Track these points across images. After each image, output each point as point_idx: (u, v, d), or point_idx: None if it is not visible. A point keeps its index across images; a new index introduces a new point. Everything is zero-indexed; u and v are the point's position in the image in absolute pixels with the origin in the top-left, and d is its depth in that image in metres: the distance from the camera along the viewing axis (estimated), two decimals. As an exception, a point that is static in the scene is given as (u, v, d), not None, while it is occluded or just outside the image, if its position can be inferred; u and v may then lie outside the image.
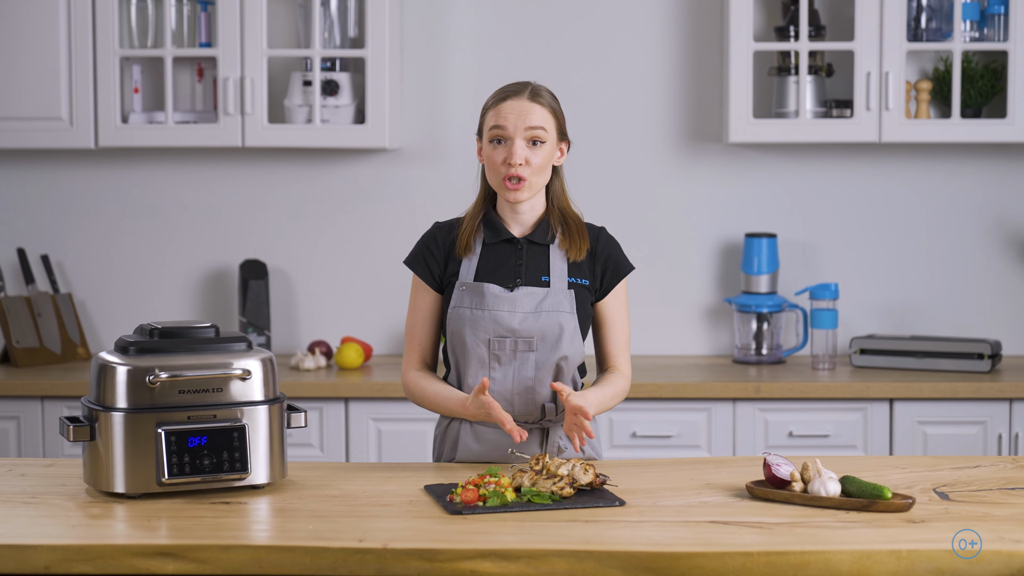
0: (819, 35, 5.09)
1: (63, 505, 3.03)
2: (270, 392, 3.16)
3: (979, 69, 5.12)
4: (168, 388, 3.07)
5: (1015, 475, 3.25)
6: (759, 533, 2.77)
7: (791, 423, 4.84)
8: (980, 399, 4.81)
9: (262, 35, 5.06)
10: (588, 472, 3.07)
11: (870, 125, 5.01)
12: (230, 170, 5.39)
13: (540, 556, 2.68)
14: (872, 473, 3.25)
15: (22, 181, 5.42)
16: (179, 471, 3.05)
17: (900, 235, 5.33)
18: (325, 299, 5.42)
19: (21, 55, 5.09)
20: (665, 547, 2.69)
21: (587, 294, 3.45)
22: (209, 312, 5.41)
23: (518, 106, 3.38)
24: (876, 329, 5.34)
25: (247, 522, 2.91)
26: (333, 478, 3.25)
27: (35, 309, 5.27)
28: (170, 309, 5.39)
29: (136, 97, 5.24)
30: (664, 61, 5.32)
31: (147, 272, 5.44)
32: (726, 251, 5.35)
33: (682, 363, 5.22)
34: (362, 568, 2.70)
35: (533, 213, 3.46)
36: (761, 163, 5.32)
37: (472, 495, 2.97)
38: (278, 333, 5.40)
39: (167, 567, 2.72)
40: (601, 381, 3.45)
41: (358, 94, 5.18)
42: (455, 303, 3.41)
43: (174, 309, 5.40)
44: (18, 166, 5.41)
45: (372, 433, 4.88)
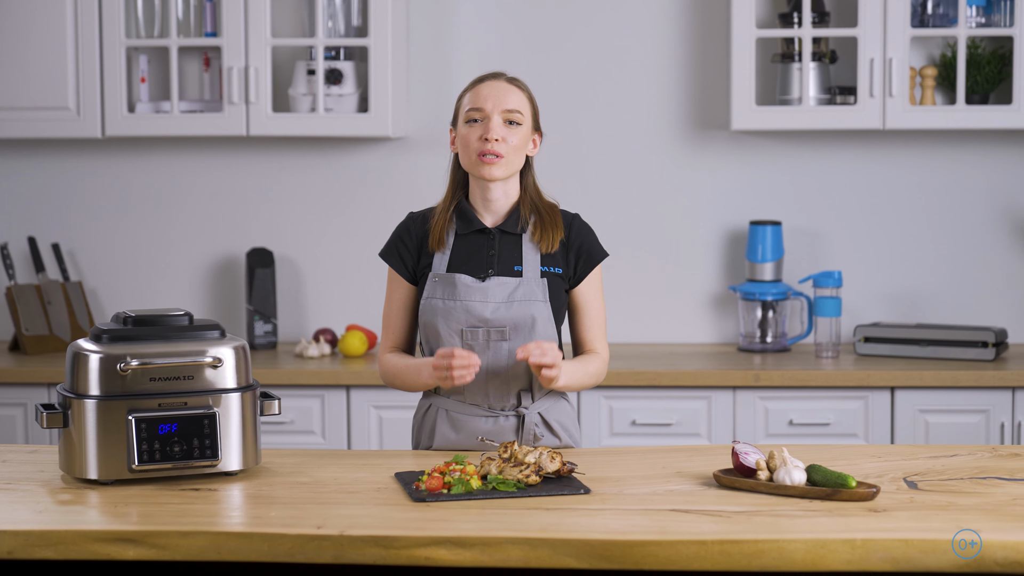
0: (823, 21, 5.07)
1: (35, 491, 3.06)
2: (243, 380, 3.18)
3: (985, 55, 5.08)
4: (140, 376, 3.10)
5: (989, 464, 3.23)
6: (717, 522, 2.77)
7: (791, 411, 4.82)
8: (982, 387, 4.78)
9: (266, 24, 5.09)
10: (555, 460, 3.07)
11: (874, 112, 4.98)
12: (236, 159, 5.43)
13: (495, 544, 2.69)
14: (846, 462, 3.24)
15: (31, 170, 5.47)
16: (149, 458, 3.08)
17: (905, 222, 5.30)
18: (331, 287, 5.45)
19: (28, 46, 5.13)
20: (620, 535, 2.69)
21: (561, 282, 3.45)
22: (217, 300, 5.45)
23: (496, 88, 3.41)
24: (882, 317, 5.31)
25: (212, 508, 2.94)
26: (307, 465, 3.27)
27: (45, 297, 5.32)
28: (178, 297, 5.44)
29: (143, 87, 5.28)
30: (668, 48, 5.31)
31: (155, 260, 5.48)
32: (731, 239, 5.34)
33: (686, 351, 5.21)
34: (319, 555, 2.72)
35: (507, 201, 3.46)
36: (766, 150, 5.30)
37: (437, 483, 2.99)
38: (285, 321, 5.43)
39: (127, 553, 2.75)
40: (576, 359, 3.47)
41: (362, 83, 5.20)
42: (428, 294, 3.43)
43: (182, 297, 5.44)
44: (26, 155, 5.46)
45: (373, 420, 4.91)
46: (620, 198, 5.33)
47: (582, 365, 3.45)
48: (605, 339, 3.53)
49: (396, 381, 3.48)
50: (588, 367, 3.46)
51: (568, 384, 3.40)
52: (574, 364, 3.43)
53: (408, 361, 3.46)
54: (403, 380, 3.46)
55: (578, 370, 3.43)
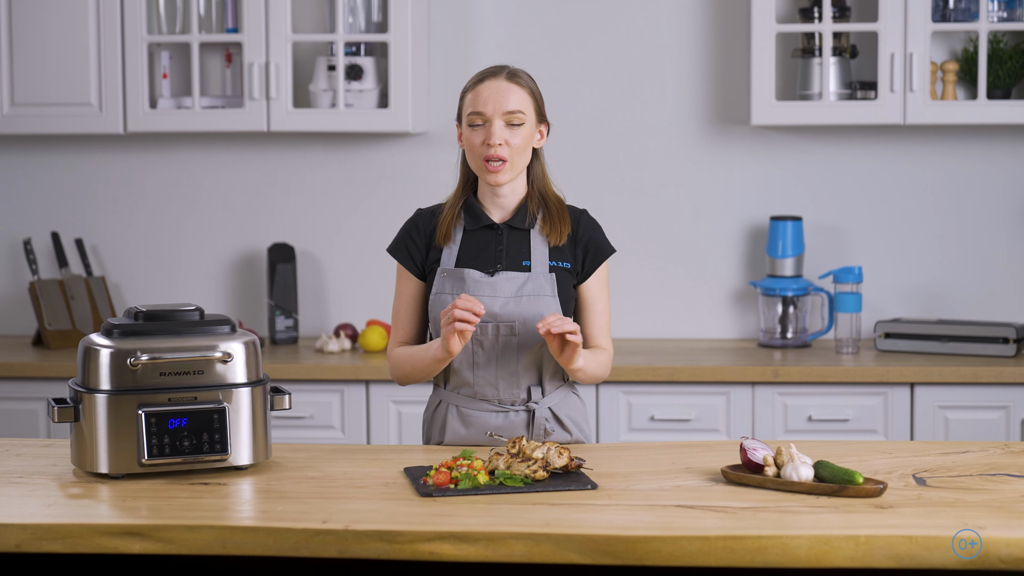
0: (843, 16, 5.05)
1: (47, 485, 3.08)
2: (253, 374, 3.20)
3: (1007, 50, 5.06)
4: (150, 370, 3.12)
5: (1000, 461, 3.22)
6: (722, 518, 2.77)
7: (810, 407, 4.81)
8: (1003, 383, 4.76)
9: (287, 20, 5.10)
10: (563, 456, 3.08)
11: (894, 107, 4.97)
12: (257, 154, 5.45)
13: (499, 539, 2.70)
14: (856, 458, 3.23)
15: (54, 166, 5.50)
16: (159, 452, 3.10)
17: (926, 218, 5.28)
18: (352, 282, 5.46)
19: (51, 42, 5.16)
20: (624, 531, 2.69)
21: (569, 277, 3.45)
22: (238, 295, 5.48)
23: (496, 88, 3.40)
24: (903, 312, 5.29)
25: (220, 503, 2.95)
26: (318, 460, 3.28)
27: (68, 292, 5.35)
28: (200, 292, 5.46)
29: (165, 83, 5.31)
30: (689, 43, 5.30)
31: (177, 255, 5.50)
32: (752, 234, 5.33)
33: (706, 347, 5.21)
34: (323, 549, 2.73)
35: (514, 197, 3.47)
36: (786, 146, 5.29)
37: (444, 478, 2.99)
38: (306, 316, 5.45)
39: (134, 546, 2.76)
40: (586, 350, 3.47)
41: (382, 79, 5.21)
42: (436, 289, 3.43)
43: (204, 292, 5.46)
44: (49, 151, 5.49)
45: (392, 415, 4.92)
46: (640, 193, 5.33)
47: (593, 354, 3.46)
48: (609, 336, 3.54)
49: (406, 366, 3.47)
50: (599, 357, 3.47)
51: (585, 365, 3.38)
52: (586, 351, 3.44)
53: (416, 348, 3.47)
54: (413, 362, 3.44)
55: (591, 356, 3.43)
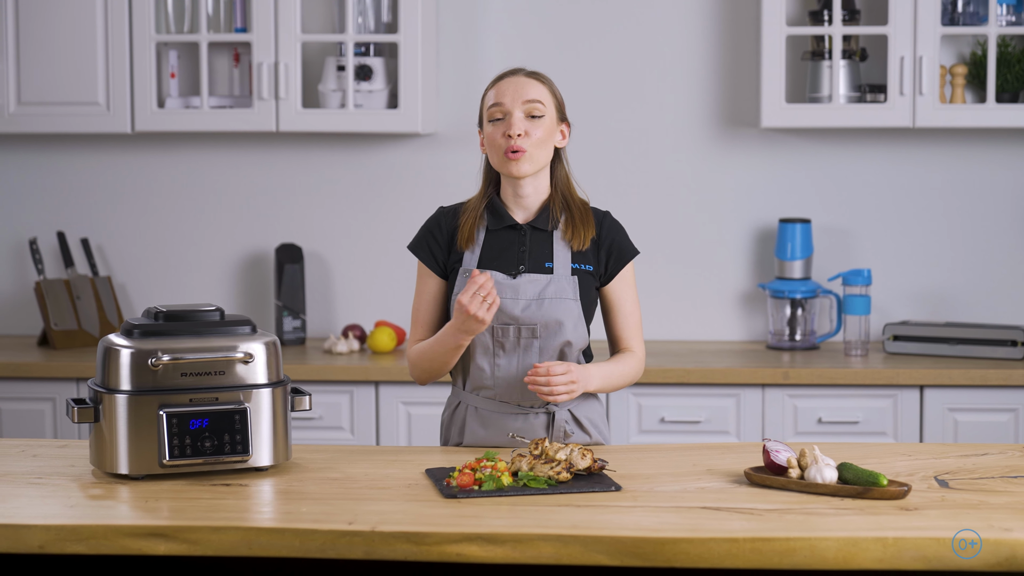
0: (853, 19, 5.06)
1: (66, 486, 3.07)
2: (273, 375, 3.19)
3: (1016, 53, 5.06)
4: (171, 371, 3.11)
5: (1020, 463, 3.22)
6: (748, 519, 2.77)
7: (820, 409, 4.81)
8: (1011, 386, 4.77)
9: (296, 20, 5.09)
10: (586, 457, 3.07)
11: (904, 110, 4.97)
12: (265, 154, 5.44)
13: (526, 540, 2.69)
14: (877, 460, 3.23)
15: (60, 165, 5.49)
16: (180, 453, 3.08)
17: (935, 221, 5.28)
18: (360, 283, 5.45)
19: (59, 41, 5.15)
20: (651, 532, 2.69)
21: (591, 280, 3.45)
22: (245, 295, 5.46)
23: (515, 82, 3.41)
24: (911, 315, 5.29)
25: (243, 504, 2.94)
26: (338, 461, 3.27)
27: (74, 292, 5.34)
28: (207, 292, 5.45)
29: (173, 82, 5.30)
30: (698, 46, 5.30)
31: (185, 256, 5.49)
32: (760, 236, 5.33)
33: (715, 348, 5.21)
34: (350, 550, 2.72)
35: (537, 197, 3.46)
36: (795, 148, 5.29)
37: (468, 479, 2.99)
38: (314, 316, 5.44)
39: (158, 548, 2.75)
40: (611, 358, 3.47)
41: (391, 79, 5.21)
42: (458, 290, 3.42)
43: (211, 292, 5.45)
44: (56, 150, 5.48)
45: (402, 416, 4.91)
46: (650, 195, 5.33)
47: (616, 365, 3.45)
48: (640, 337, 3.52)
49: (423, 361, 3.45)
50: (623, 367, 3.46)
51: (602, 386, 3.40)
52: (608, 365, 3.43)
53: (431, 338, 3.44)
54: (430, 355, 3.42)
55: (613, 371, 3.43)
